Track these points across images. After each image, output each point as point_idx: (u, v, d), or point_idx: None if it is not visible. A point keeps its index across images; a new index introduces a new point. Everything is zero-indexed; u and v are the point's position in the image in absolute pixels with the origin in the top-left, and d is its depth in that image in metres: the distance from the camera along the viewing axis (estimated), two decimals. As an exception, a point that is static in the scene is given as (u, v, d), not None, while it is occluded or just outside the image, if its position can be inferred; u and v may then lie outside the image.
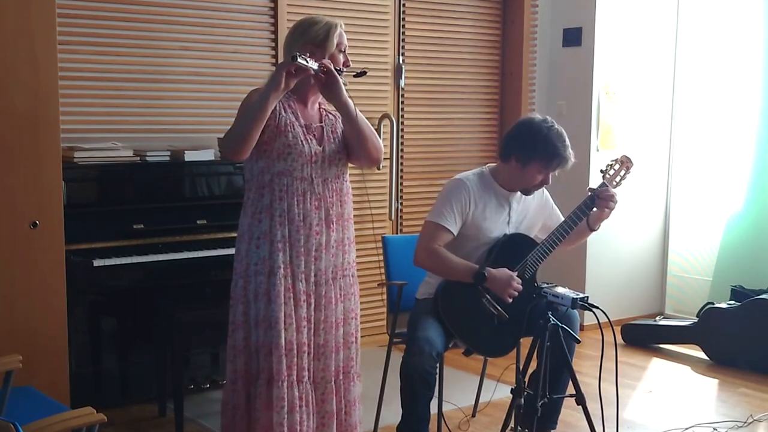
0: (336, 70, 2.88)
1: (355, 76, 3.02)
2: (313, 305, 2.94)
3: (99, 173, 3.89)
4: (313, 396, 2.97)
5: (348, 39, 2.99)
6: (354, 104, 2.92)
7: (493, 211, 3.40)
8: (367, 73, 3.16)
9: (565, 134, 3.35)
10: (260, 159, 2.90)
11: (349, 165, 3.06)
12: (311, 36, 2.92)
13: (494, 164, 3.50)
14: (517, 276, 3.26)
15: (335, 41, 2.93)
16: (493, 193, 3.42)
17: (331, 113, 3.07)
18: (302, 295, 2.90)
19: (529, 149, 3.32)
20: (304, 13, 4.80)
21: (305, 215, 2.90)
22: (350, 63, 3.00)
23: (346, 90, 2.88)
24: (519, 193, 3.47)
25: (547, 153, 3.30)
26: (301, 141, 2.89)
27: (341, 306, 3.02)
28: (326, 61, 2.85)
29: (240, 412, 2.92)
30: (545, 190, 3.58)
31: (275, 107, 2.84)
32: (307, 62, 2.74)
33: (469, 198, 3.36)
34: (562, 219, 3.45)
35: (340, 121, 3.02)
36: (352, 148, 3.00)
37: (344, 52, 2.98)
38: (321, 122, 2.99)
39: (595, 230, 3.48)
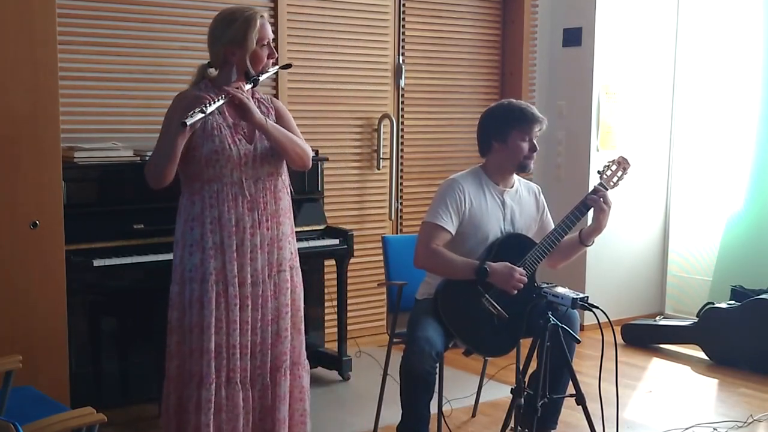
0: (252, 78, 2.87)
1: (281, 68, 3.03)
2: (250, 306, 2.96)
3: (99, 173, 3.89)
4: (250, 395, 3.00)
5: (348, 39, 2.96)
6: (266, 119, 2.90)
7: (488, 206, 3.42)
8: (292, 66, 3.23)
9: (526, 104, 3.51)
10: (190, 164, 2.90)
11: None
12: (229, 38, 2.87)
13: (483, 163, 3.53)
14: (517, 274, 3.27)
15: (254, 39, 2.87)
16: (487, 188, 3.45)
17: (263, 101, 3.03)
18: (234, 299, 2.91)
19: (502, 124, 3.42)
20: (304, 13, 4.80)
21: (238, 219, 2.91)
22: (276, 54, 2.96)
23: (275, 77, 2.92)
24: (513, 190, 3.50)
25: (519, 117, 3.40)
26: (229, 145, 2.86)
27: (275, 302, 3.03)
28: (229, 89, 2.82)
29: (170, 413, 2.98)
30: (541, 196, 3.59)
31: None
32: (205, 110, 2.71)
33: (464, 195, 3.38)
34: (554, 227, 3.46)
35: (273, 113, 3.00)
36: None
37: (268, 44, 2.92)
38: None
39: (587, 245, 3.49)
